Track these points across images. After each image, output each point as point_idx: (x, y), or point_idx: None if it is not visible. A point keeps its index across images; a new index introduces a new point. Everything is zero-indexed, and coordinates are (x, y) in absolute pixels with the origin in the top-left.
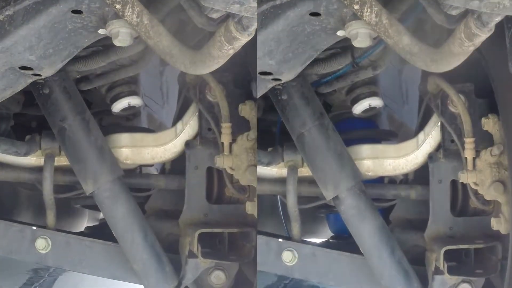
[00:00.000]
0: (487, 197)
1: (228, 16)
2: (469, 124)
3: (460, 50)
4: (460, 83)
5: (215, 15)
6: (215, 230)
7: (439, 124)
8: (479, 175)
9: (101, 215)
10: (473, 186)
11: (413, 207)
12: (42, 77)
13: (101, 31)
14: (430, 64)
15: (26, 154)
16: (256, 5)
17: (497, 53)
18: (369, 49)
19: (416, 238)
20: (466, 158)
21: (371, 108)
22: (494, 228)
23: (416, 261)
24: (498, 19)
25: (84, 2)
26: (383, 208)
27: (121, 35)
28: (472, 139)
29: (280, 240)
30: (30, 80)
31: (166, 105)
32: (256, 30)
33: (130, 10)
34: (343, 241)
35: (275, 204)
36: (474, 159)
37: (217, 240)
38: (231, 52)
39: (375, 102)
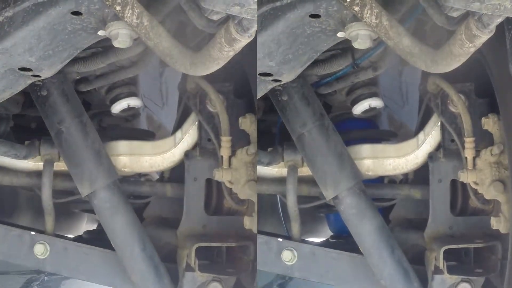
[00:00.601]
0: (487, 197)
1: (228, 18)
2: (469, 124)
3: (460, 51)
4: (460, 82)
5: (215, 17)
6: (213, 244)
7: (439, 123)
8: (479, 175)
9: None
10: (473, 186)
11: (413, 206)
12: (42, 78)
13: (100, 33)
14: (430, 65)
15: (25, 158)
16: (256, 7)
17: (497, 52)
18: (369, 51)
19: (416, 237)
20: (466, 157)
21: (371, 109)
22: (494, 228)
23: (416, 260)
24: (499, 20)
25: (84, 4)
26: (383, 208)
27: (120, 36)
28: (472, 139)
29: (280, 239)
30: (29, 81)
31: (165, 106)
32: (256, 32)
33: (130, 11)
34: (343, 240)
35: (275, 204)
36: (474, 158)
37: (215, 252)
38: (231, 53)
39: (375, 102)
